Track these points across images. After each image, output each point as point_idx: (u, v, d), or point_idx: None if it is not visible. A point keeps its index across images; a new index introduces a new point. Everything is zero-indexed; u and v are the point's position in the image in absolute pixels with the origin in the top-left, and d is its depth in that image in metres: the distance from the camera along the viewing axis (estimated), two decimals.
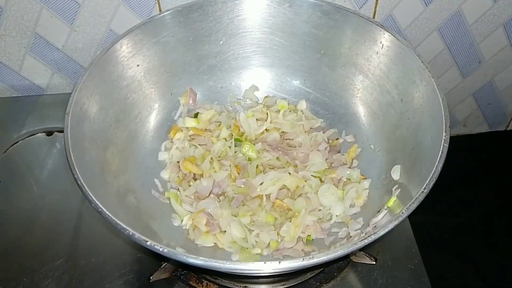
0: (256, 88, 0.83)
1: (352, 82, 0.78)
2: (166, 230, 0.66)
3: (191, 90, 0.81)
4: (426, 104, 0.64)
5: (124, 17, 0.87)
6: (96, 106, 0.66)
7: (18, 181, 0.83)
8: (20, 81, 0.96)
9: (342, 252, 0.49)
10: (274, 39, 0.80)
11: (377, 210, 0.64)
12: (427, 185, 0.54)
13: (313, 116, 0.81)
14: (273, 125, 0.79)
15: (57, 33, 0.89)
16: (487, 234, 1.04)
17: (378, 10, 0.90)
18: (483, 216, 1.07)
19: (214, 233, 0.66)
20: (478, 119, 1.19)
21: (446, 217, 1.07)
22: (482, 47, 1.00)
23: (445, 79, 1.07)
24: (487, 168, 1.17)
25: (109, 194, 0.61)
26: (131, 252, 0.72)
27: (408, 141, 0.66)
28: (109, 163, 0.66)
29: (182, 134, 0.78)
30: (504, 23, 0.96)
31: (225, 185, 0.71)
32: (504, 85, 1.10)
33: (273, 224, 0.68)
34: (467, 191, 1.11)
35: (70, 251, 0.72)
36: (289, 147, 0.77)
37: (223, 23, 0.77)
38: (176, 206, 0.70)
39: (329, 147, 0.76)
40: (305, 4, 0.75)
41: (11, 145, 0.88)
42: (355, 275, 0.70)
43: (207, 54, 0.80)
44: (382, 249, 0.72)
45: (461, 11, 0.92)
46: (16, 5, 0.83)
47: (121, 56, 0.71)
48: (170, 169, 0.75)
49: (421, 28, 0.94)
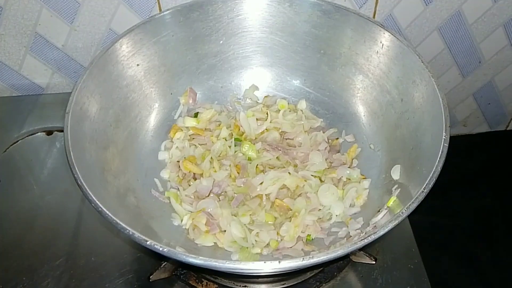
0: (256, 87, 0.83)
1: (352, 82, 0.78)
2: (166, 230, 0.66)
3: (191, 90, 0.81)
4: (426, 104, 0.64)
5: (124, 16, 0.87)
6: (96, 106, 0.66)
7: (18, 181, 0.83)
8: (20, 80, 0.96)
9: (342, 252, 0.49)
10: (274, 39, 0.80)
11: (377, 209, 0.64)
12: (427, 185, 0.54)
13: (313, 116, 0.81)
14: (273, 124, 0.79)
15: (57, 32, 0.89)
16: (487, 234, 1.04)
17: (378, 10, 0.90)
18: (483, 216, 1.07)
19: (214, 233, 0.66)
20: (478, 119, 1.19)
21: (446, 217, 1.07)
22: (482, 47, 1.00)
23: (445, 79, 1.07)
24: (487, 168, 1.17)
25: (109, 193, 0.61)
26: (131, 252, 0.72)
27: (408, 141, 0.66)
28: (109, 162, 0.66)
29: (182, 134, 0.78)
30: (504, 23, 0.96)
31: (225, 185, 0.71)
32: (504, 85, 1.10)
33: (273, 223, 0.68)
34: (467, 191, 1.11)
35: (70, 251, 0.72)
36: (289, 147, 0.77)
37: (223, 23, 0.77)
38: (176, 206, 0.70)
39: (329, 147, 0.76)
40: (305, 4, 0.75)
41: (11, 144, 0.88)
42: (355, 275, 0.70)
43: (207, 53, 0.80)
44: (382, 248, 0.72)
45: (461, 11, 0.92)
46: (16, 4, 0.83)
47: (121, 56, 0.71)
48: (170, 168, 0.75)
49: (421, 28, 0.94)
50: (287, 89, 0.83)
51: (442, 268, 0.95)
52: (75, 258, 0.71)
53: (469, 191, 1.11)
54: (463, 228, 1.05)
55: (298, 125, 0.79)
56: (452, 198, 1.08)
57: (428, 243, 0.79)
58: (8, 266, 0.71)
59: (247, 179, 0.71)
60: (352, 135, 0.78)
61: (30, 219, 0.76)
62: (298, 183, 0.71)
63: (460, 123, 1.19)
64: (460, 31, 0.96)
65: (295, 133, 0.78)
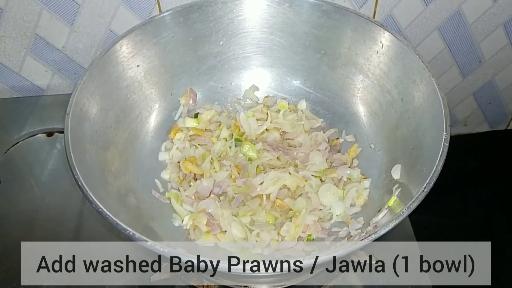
0: (256, 88, 0.83)
1: (352, 82, 0.78)
2: (166, 230, 0.66)
3: (191, 91, 0.81)
4: (427, 104, 0.64)
5: (124, 17, 0.87)
6: (96, 107, 0.66)
7: (19, 182, 0.83)
8: (20, 82, 0.97)
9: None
10: (274, 39, 0.80)
11: (378, 209, 0.64)
12: (427, 184, 0.54)
13: (313, 116, 0.81)
14: (273, 125, 0.79)
15: (57, 34, 0.89)
16: (487, 234, 1.04)
17: (378, 10, 0.90)
18: (483, 216, 1.07)
19: (215, 233, 0.66)
20: (479, 119, 1.19)
21: (447, 217, 1.07)
22: (482, 46, 1.00)
23: (445, 79, 1.07)
24: (487, 167, 1.17)
25: (110, 194, 0.61)
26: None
27: (408, 141, 0.66)
28: (109, 163, 0.66)
29: (183, 135, 0.78)
30: (504, 23, 0.96)
31: (225, 185, 0.71)
32: (504, 84, 1.10)
33: (274, 223, 0.68)
34: (467, 190, 1.11)
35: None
36: (289, 147, 0.77)
37: (223, 23, 0.77)
38: (177, 206, 0.70)
39: (329, 147, 0.76)
40: (305, 4, 0.75)
41: (12, 145, 0.88)
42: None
43: (207, 54, 0.80)
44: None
45: (461, 10, 0.92)
46: (16, 6, 0.84)
47: (121, 57, 0.71)
48: (170, 169, 0.75)
49: (421, 28, 0.94)
50: (287, 89, 0.83)
51: (442, 268, 0.95)
52: (75, 259, 0.71)
53: (470, 190, 1.11)
54: (463, 228, 1.05)
55: (298, 125, 0.79)
56: (452, 197, 1.08)
57: (429, 242, 0.79)
58: (9, 267, 0.71)
59: (247, 179, 0.71)
60: (353, 135, 0.78)
61: (31, 220, 0.76)
62: (299, 183, 0.71)
63: (461, 122, 1.19)
64: (460, 31, 0.96)
65: (295, 133, 0.78)
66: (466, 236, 1.03)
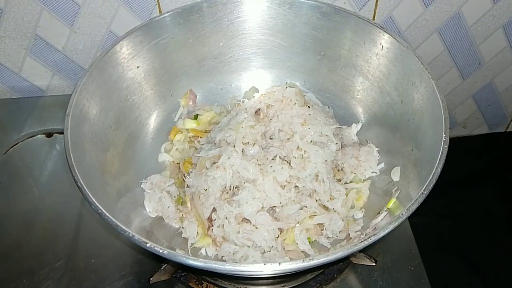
0: (256, 89, 0.83)
1: (352, 84, 0.78)
2: (166, 232, 0.66)
3: (191, 92, 0.81)
4: (426, 106, 0.64)
5: (124, 18, 0.87)
6: (96, 108, 0.66)
7: (18, 183, 0.82)
8: (20, 82, 0.96)
9: (342, 253, 0.49)
10: (274, 41, 0.80)
11: (377, 211, 0.64)
12: (427, 186, 0.54)
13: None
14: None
15: (57, 34, 0.89)
16: (487, 234, 1.04)
17: (378, 12, 0.90)
18: (483, 217, 1.07)
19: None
20: (478, 121, 1.19)
21: (446, 218, 1.07)
22: (481, 48, 1.00)
23: (445, 81, 1.07)
24: (487, 169, 1.17)
25: (109, 195, 0.61)
26: (131, 254, 0.72)
27: (408, 143, 0.66)
28: (109, 164, 0.66)
29: (182, 136, 0.78)
30: (504, 25, 0.96)
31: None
32: (503, 86, 1.10)
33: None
34: (467, 192, 1.11)
35: (70, 253, 0.72)
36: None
37: (223, 25, 0.77)
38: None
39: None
40: (305, 6, 0.75)
41: (11, 146, 0.88)
42: (355, 277, 0.70)
43: (207, 55, 0.80)
44: (382, 250, 0.72)
45: (460, 12, 0.92)
46: (16, 6, 0.84)
47: (121, 58, 0.71)
48: (170, 170, 0.75)
49: (421, 30, 0.94)
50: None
51: (442, 270, 0.95)
52: (75, 260, 0.71)
53: (469, 192, 1.11)
54: (463, 229, 1.05)
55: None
56: (452, 199, 1.08)
57: (428, 244, 0.79)
58: (8, 268, 0.71)
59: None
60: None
61: (30, 221, 0.76)
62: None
63: (460, 124, 1.20)
64: (459, 33, 0.96)
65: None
66: (466, 236, 1.04)
